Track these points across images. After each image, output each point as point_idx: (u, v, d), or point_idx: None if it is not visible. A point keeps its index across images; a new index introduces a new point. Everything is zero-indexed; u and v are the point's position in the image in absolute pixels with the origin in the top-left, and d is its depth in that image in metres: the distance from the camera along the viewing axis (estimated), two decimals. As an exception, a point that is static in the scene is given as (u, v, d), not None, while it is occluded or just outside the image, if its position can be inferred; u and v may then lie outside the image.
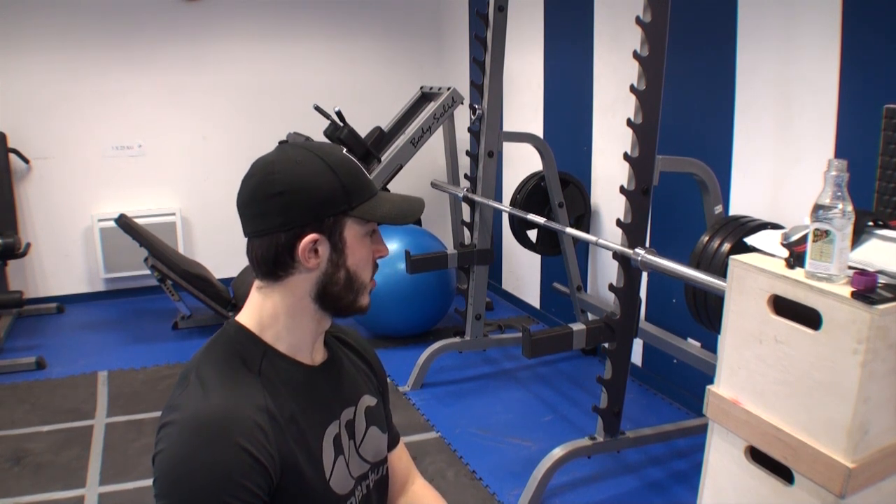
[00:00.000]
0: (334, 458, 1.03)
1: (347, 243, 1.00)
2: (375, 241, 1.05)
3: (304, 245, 0.97)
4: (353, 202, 0.99)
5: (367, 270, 1.04)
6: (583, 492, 2.60)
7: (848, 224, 1.34)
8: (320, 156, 1.00)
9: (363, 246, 1.02)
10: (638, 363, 3.50)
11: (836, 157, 2.10)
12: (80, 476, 2.69)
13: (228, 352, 0.99)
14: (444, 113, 4.24)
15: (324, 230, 0.98)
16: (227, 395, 0.93)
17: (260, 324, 1.02)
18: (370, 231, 1.03)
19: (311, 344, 1.05)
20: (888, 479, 1.40)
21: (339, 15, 5.05)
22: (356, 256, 1.01)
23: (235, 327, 1.02)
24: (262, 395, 0.95)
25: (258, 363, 0.99)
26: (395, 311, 3.89)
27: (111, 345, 4.05)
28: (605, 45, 3.60)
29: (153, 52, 4.64)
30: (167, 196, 4.80)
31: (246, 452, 0.89)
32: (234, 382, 0.95)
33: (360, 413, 1.11)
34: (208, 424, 0.90)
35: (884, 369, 1.31)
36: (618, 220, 2.45)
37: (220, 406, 0.92)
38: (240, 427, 0.91)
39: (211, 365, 0.98)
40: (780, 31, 2.59)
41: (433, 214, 5.13)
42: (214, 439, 0.89)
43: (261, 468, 0.90)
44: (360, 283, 1.03)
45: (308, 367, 1.04)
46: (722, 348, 1.60)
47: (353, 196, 0.99)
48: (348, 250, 1.00)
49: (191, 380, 0.96)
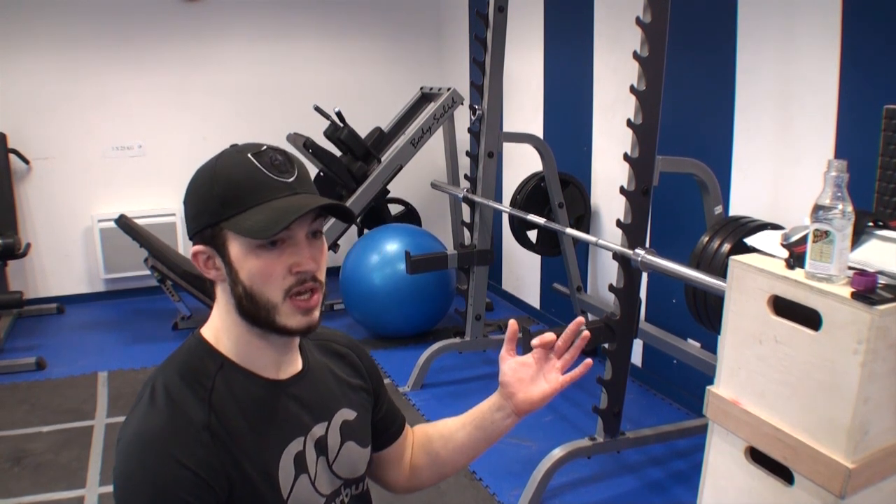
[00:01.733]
0: (294, 476, 0.99)
1: (232, 257, 0.94)
2: (291, 253, 0.94)
3: (192, 255, 0.98)
4: (226, 213, 0.92)
5: (270, 286, 0.93)
6: (583, 492, 2.60)
7: (848, 224, 1.34)
8: (215, 163, 0.96)
9: (250, 260, 0.93)
10: (638, 363, 3.50)
11: (836, 157, 2.10)
12: (80, 476, 2.69)
13: (184, 366, 0.97)
14: (444, 113, 4.24)
15: (206, 241, 0.96)
16: (168, 412, 0.92)
17: (215, 335, 1.00)
18: (264, 243, 0.92)
19: (274, 357, 1.01)
20: (888, 480, 1.40)
21: (339, 15, 5.05)
22: (245, 270, 0.93)
23: (197, 339, 1.01)
24: (206, 411, 0.93)
25: (212, 377, 0.96)
26: (395, 312, 3.89)
27: (111, 345, 4.05)
28: (605, 46, 3.60)
29: (153, 52, 4.64)
30: (167, 196, 4.79)
31: (184, 468, 0.88)
32: (181, 398, 0.93)
33: (333, 429, 1.07)
34: (148, 441, 0.90)
35: (884, 369, 1.31)
36: (618, 221, 2.45)
37: (159, 423, 0.91)
38: (176, 443, 0.90)
39: (165, 380, 0.96)
40: (780, 31, 2.59)
41: (433, 215, 5.14)
42: (153, 456, 0.89)
43: (202, 483, 0.89)
44: (264, 300, 0.93)
45: (270, 381, 1.00)
46: (722, 349, 1.60)
47: (229, 207, 0.92)
48: (235, 265, 0.94)
49: (144, 395, 0.96)
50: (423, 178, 4.76)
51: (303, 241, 0.95)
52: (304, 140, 4.23)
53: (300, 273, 0.94)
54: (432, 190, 4.36)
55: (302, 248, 0.95)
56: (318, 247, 0.98)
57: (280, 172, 0.94)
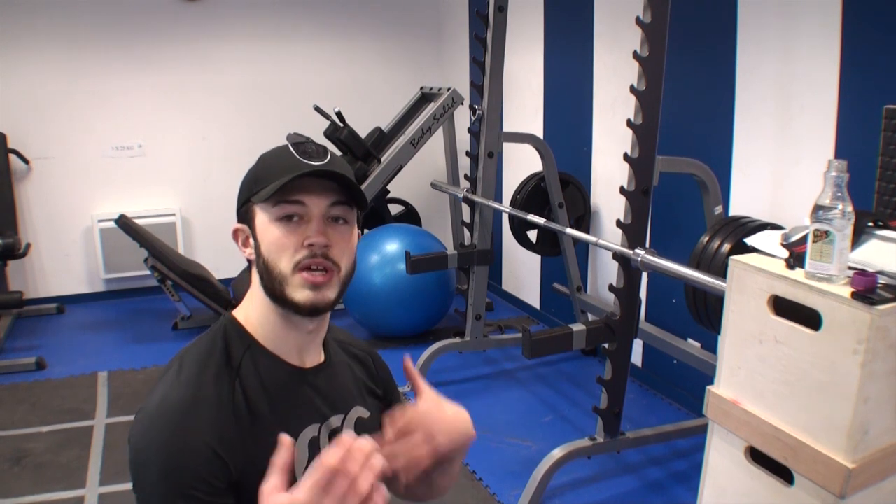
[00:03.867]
0: (307, 460, 1.01)
1: (257, 230, 1.00)
2: (306, 228, 0.98)
3: (233, 234, 1.05)
4: (255, 188, 1.00)
5: (283, 257, 0.98)
6: (583, 492, 2.60)
7: (848, 224, 1.34)
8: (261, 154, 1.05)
9: (270, 230, 0.99)
10: (638, 363, 3.50)
11: (836, 157, 2.10)
12: (80, 476, 2.69)
13: (214, 344, 1.00)
14: (444, 113, 4.25)
15: (242, 219, 1.03)
16: (194, 385, 0.94)
17: (246, 316, 1.03)
18: (282, 216, 0.98)
19: (298, 343, 1.04)
20: (888, 480, 1.40)
21: (338, 15, 5.05)
22: (265, 242, 0.99)
23: (228, 319, 1.04)
24: (231, 389, 0.96)
25: (239, 357, 0.99)
26: (395, 312, 3.89)
27: (111, 345, 4.05)
28: (605, 46, 3.60)
29: (153, 52, 4.63)
30: (167, 196, 4.80)
31: (203, 442, 0.90)
32: (208, 373, 0.96)
33: (349, 423, 1.09)
34: (170, 411, 0.91)
35: (884, 369, 1.31)
36: (618, 221, 2.45)
37: (184, 396, 0.93)
38: (198, 416, 0.91)
39: (194, 354, 0.99)
40: (780, 31, 2.59)
41: (433, 215, 5.14)
42: (173, 426, 0.90)
43: (219, 459, 0.90)
44: (277, 271, 0.98)
45: (294, 367, 1.04)
46: (722, 348, 1.60)
47: (258, 183, 1.00)
48: (259, 237, 1.00)
49: (172, 367, 0.98)
50: (423, 178, 4.76)
51: (318, 218, 0.98)
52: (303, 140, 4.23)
53: (311, 247, 0.97)
54: (432, 190, 4.36)
55: (316, 222, 0.98)
56: (340, 231, 1.01)
57: (309, 157, 0.99)
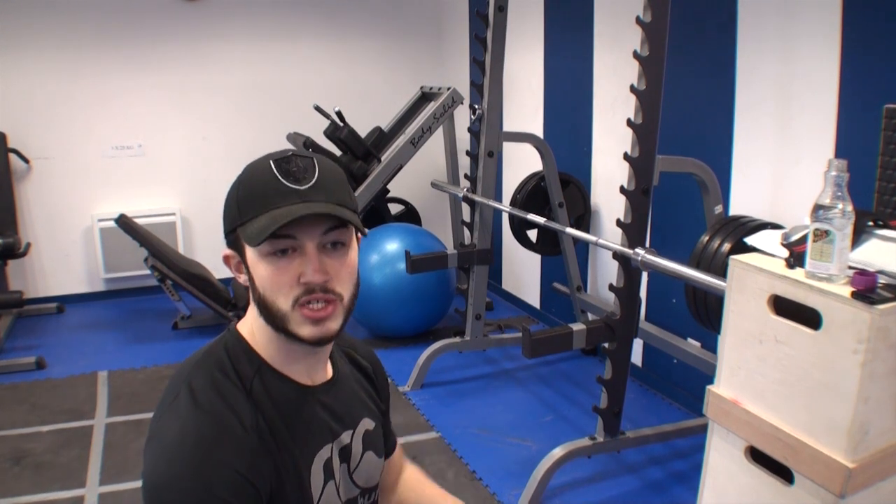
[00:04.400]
0: (324, 482, 0.99)
1: (248, 262, 0.94)
2: (300, 262, 0.92)
3: (223, 259, 1.00)
4: (241, 219, 0.93)
5: (279, 295, 0.92)
6: (583, 492, 2.60)
7: (848, 224, 1.34)
8: (246, 167, 0.96)
9: (262, 266, 0.92)
10: (638, 363, 3.50)
11: (836, 157, 2.10)
12: (80, 476, 2.68)
13: (224, 364, 0.95)
14: (444, 113, 4.24)
15: (231, 245, 0.97)
16: (215, 413, 0.89)
17: (251, 333, 0.99)
18: (273, 251, 0.91)
19: (305, 362, 1.00)
20: (888, 480, 1.40)
21: (339, 15, 5.05)
22: (258, 276, 0.93)
23: (234, 336, 0.99)
24: (253, 412, 0.92)
25: (251, 379, 0.95)
26: (395, 311, 3.89)
27: (111, 345, 4.05)
28: (605, 45, 3.59)
29: (153, 52, 4.63)
30: (167, 196, 4.80)
31: (234, 471, 0.86)
32: (225, 398, 0.91)
33: (357, 437, 1.07)
34: (195, 444, 0.86)
35: (884, 369, 1.31)
36: (618, 220, 2.45)
37: (207, 424, 0.88)
38: (226, 445, 0.87)
39: (203, 378, 0.93)
40: (780, 31, 2.59)
41: (433, 214, 5.14)
42: (203, 458, 0.85)
43: (250, 486, 0.87)
44: (275, 308, 0.92)
45: (303, 386, 1.00)
46: (722, 348, 1.60)
47: (243, 213, 0.92)
48: (251, 270, 0.94)
49: (181, 393, 0.92)
50: (423, 178, 4.76)
51: (312, 252, 0.92)
52: (304, 140, 4.24)
53: (306, 284, 0.92)
54: (432, 189, 4.36)
55: (310, 258, 0.92)
56: (337, 258, 0.95)
57: (295, 180, 0.91)
